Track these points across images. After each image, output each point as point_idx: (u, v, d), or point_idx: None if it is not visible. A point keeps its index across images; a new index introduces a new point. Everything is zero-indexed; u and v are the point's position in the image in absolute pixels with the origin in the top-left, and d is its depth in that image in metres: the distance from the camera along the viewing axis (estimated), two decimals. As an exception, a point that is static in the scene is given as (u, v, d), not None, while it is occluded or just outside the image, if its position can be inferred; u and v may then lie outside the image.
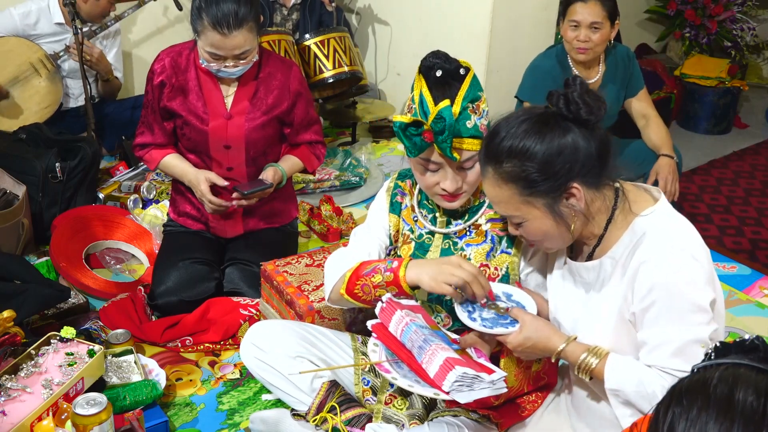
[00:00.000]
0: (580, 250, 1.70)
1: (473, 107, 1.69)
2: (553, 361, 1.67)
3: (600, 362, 1.58)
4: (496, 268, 1.84)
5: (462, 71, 1.70)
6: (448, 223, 1.88)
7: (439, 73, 1.69)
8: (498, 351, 1.78)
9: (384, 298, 1.76)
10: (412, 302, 1.79)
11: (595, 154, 1.52)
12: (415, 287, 1.74)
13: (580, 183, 1.53)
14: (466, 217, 1.87)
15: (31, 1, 3.49)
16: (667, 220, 1.57)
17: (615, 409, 1.58)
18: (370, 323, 1.78)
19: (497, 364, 1.72)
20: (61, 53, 3.46)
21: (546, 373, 1.87)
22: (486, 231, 1.85)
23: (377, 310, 1.77)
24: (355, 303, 1.85)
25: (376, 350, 1.73)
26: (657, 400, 1.46)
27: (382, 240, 1.97)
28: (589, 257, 1.65)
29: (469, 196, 1.83)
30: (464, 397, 1.55)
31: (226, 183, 2.55)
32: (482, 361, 1.67)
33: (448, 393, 1.56)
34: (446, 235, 1.88)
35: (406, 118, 1.67)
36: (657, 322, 1.52)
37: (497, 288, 1.77)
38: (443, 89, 1.69)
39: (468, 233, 1.87)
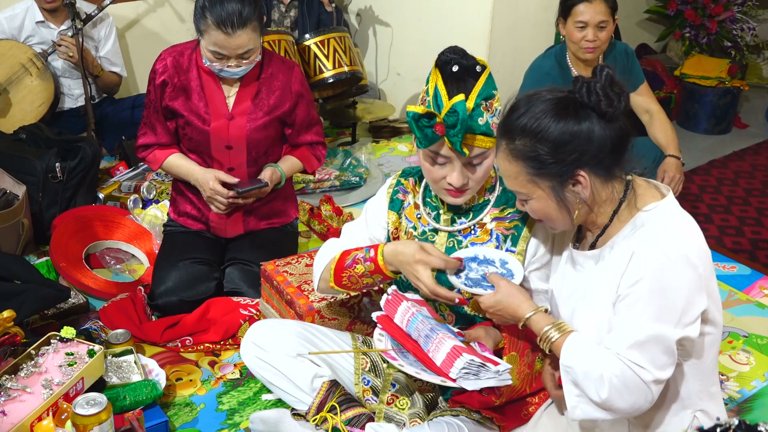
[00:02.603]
0: (584, 237, 1.71)
1: (486, 105, 1.69)
2: (520, 327, 1.69)
3: (561, 337, 1.60)
4: None
5: (478, 68, 1.71)
6: (453, 222, 1.89)
7: (455, 69, 1.70)
8: (500, 348, 1.79)
9: (389, 291, 1.79)
10: (416, 296, 1.81)
11: (609, 145, 1.53)
12: (398, 272, 1.81)
13: (588, 171, 1.54)
14: (470, 216, 1.87)
15: (17, 3, 3.50)
16: (669, 216, 1.57)
17: (564, 385, 1.59)
18: (375, 315, 1.80)
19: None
20: (49, 50, 3.47)
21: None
22: (491, 230, 1.85)
23: (382, 303, 1.80)
24: (348, 291, 1.94)
25: (382, 339, 1.75)
26: (603, 385, 1.49)
27: (375, 236, 1.99)
28: (592, 246, 1.66)
29: (474, 193, 1.84)
30: (471, 385, 1.57)
31: (236, 180, 2.54)
32: (487, 354, 1.68)
33: (455, 380, 1.57)
34: (450, 233, 1.89)
35: (420, 109, 1.68)
36: (631, 309, 1.52)
37: (495, 254, 1.80)
38: (458, 84, 1.69)
39: (473, 231, 1.87)
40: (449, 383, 1.59)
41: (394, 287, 1.82)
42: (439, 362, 1.61)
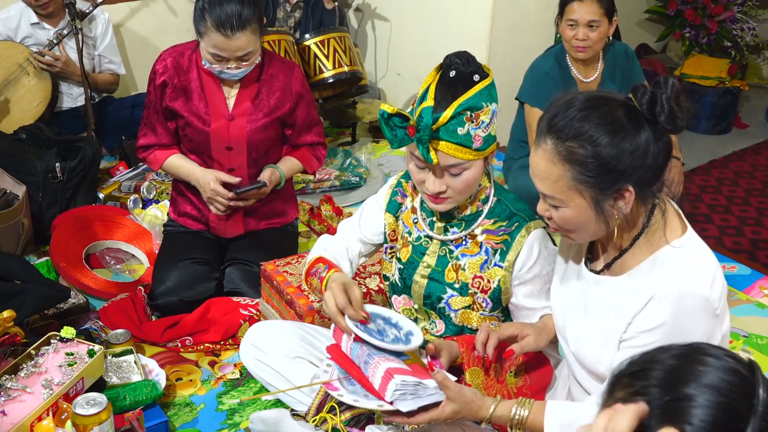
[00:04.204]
0: (597, 256, 1.63)
1: (471, 116, 1.64)
2: (482, 426, 1.60)
3: (531, 411, 1.51)
4: (488, 280, 1.82)
5: (476, 77, 1.67)
6: (445, 230, 1.87)
7: (452, 74, 1.67)
8: (461, 363, 1.76)
9: None
10: (381, 310, 1.79)
11: (660, 163, 1.42)
12: None
13: (634, 187, 1.42)
14: (462, 226, 1.85)
15: (12, 5, 3.50)
16: (694, 258, 1.47)
17: None
18: (327, 346, 1.79)
19: (459, 376, 1.71)
20: (46, 47, 3.46)
21: (529, 389, 1.80)
22: (481, 242, 1.82)
23: (331, 331, 1.78)
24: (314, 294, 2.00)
25: (328, 370, 1.73)
26: None
27: (365, 237, 2.00)
28: (607, 266, 1.58)
29: (459, 203, 1.80)
30: (408, 405, 1.53)
31: (237, 179, 2.54)
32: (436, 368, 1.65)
33: (391, 403, 1.54)
34: (443, 242, 1.87)
35: (391, 108, 1.66)
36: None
37: (407, 324, 1.76)
38: (448, 90, 1.66)
39: (464, 242, 1.85)
40: (387, 406, 1.55)
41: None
42: (377, 386, 1.59)
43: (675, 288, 1.43)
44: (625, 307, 1.49)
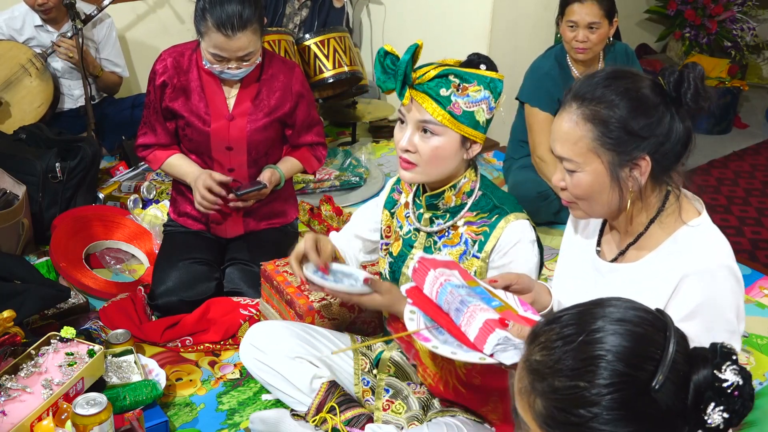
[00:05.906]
0: (608, 243, 1.64)
1: (459, 84, 1.71)
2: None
3: None
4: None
5: (482, 66, 1.75)
6: (432, 222, 1.90)
7: (464, 61, 1.77)
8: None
9: (416, 258, 1.69)
10: (446, 258, 1.71)
11: (679, 143, 1.46)
12: None
13: (651, 158, 1.46)
14: (447, 218, 1.88)
15: (17, 5, 3.50)
16: (713, 236, 1.52)
17: None
18: (404, 287, 1.70)
19: None
20: (49, 50, 3.46)
21: None
22: (462, 233, 1.86)
23: (410, 272, 1.70)
24: None
25: (413, 318, 1.63)
26: None
27: (359, 233, 2.09)
28: (621, 254, 1.59)
29: (428, 178, 1.82)
30: (510, 357, 1.47)
31: (230, 179, 2.54)
32: (529, 314, 1.56)
33: (492, 356, 1.48)
34: (429, 234, 1.91)
35: (389, 48, 1.73)
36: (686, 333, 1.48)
37: (352, 272, 1.90)
38: (451, 68, 1.75)
39: (447, 234, 1.88)
40: (488, 359, 1.48)
41: (421, 253, 1.76)
42: (472, 338, 1.50)
43: (704, 263, 1.46)
44: (653, 291, 1.50)
